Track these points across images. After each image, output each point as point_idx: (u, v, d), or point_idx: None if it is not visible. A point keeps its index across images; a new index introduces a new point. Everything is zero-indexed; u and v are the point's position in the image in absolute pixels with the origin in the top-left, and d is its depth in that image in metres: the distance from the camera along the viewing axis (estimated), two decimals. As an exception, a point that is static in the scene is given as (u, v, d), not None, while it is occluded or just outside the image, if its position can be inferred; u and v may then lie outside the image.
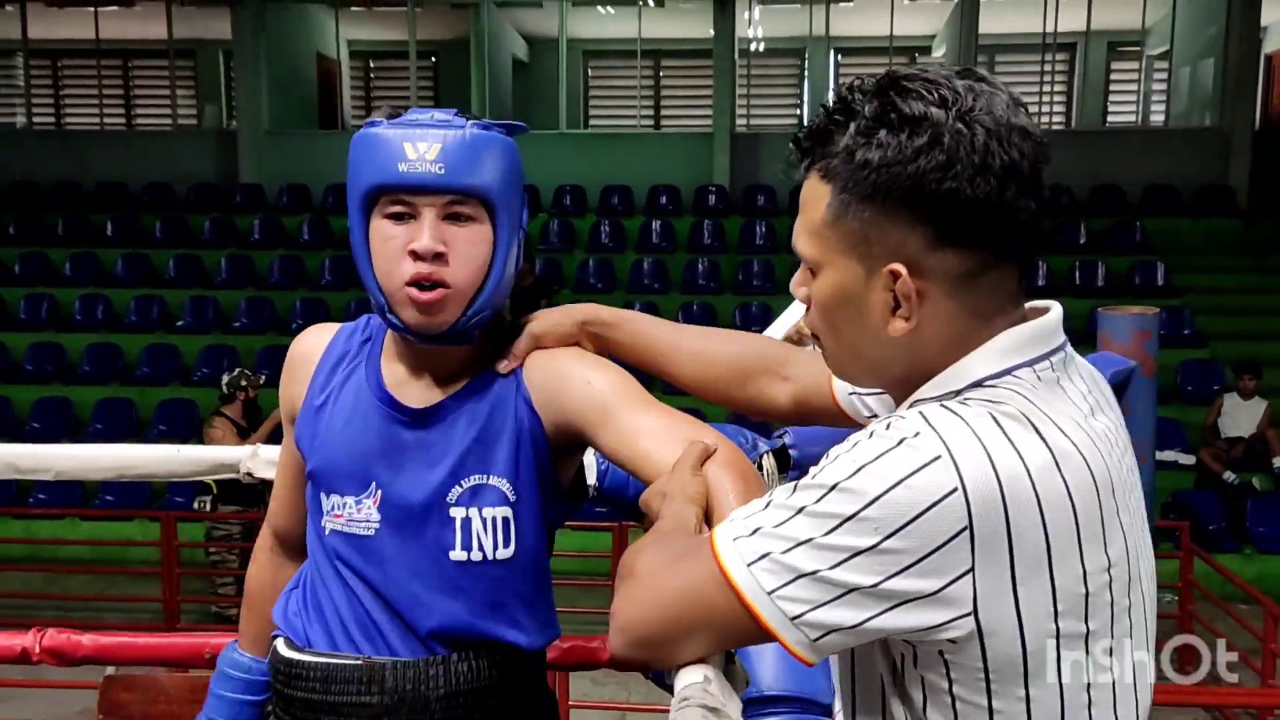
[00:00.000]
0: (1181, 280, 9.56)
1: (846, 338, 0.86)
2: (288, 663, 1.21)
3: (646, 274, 10.08)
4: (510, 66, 13.68)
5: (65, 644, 1.59)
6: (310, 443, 1.22)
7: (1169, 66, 12.29)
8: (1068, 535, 0.75)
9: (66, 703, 4.84)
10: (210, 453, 1.57)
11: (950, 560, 0.73)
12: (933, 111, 0.78)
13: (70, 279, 10.19)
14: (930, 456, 0.74)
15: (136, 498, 7.65)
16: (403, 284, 1.11)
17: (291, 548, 1.34)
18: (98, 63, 12.98)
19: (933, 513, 0.73)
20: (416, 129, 1.11)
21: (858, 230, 0.81)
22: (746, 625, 0.78)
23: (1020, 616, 0.75)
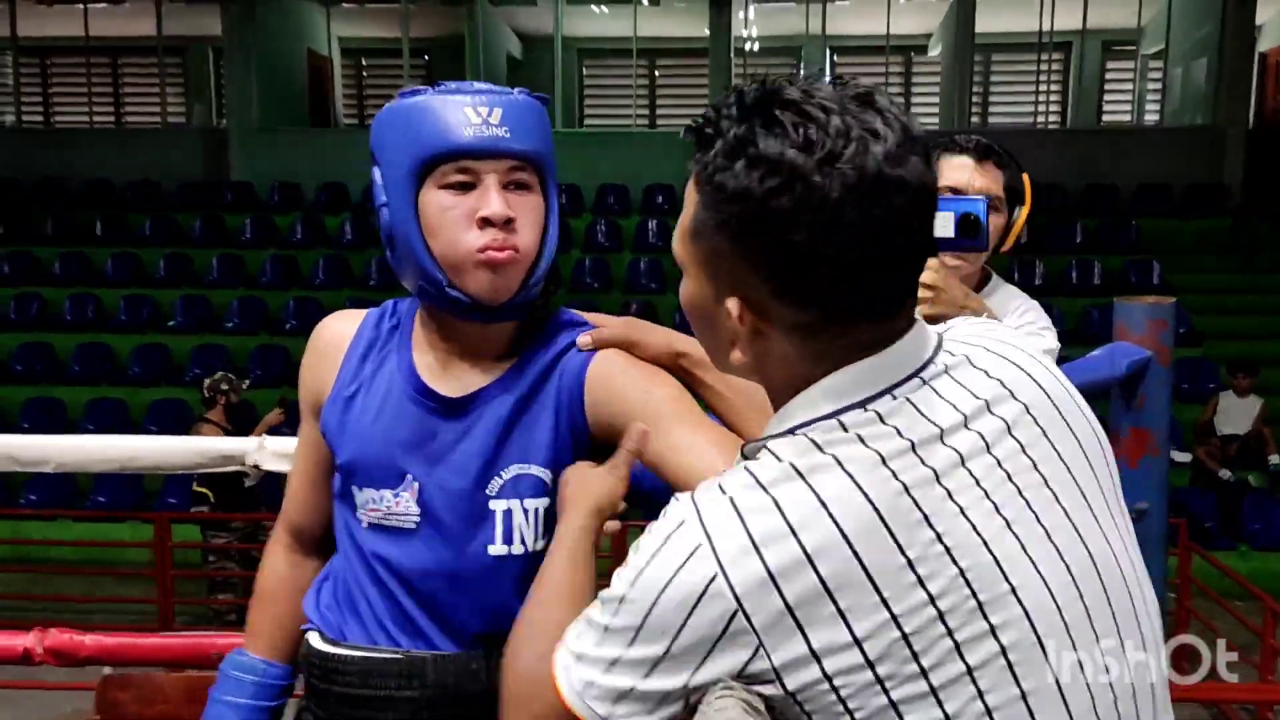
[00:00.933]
0: (1176, 279, 9.57)
1: (702, 338, 0.84)
2: (323, 656, 1.16)
3: (643, 273, 10.06)
4: (505, 64, 13.64)
5: (68, 644, 1.55)
6: (340, 434, 1.17)
7: (1163, 66, 12.33)
8: (859, 588, 0.70)
9: (58, 704, 4.79)
10: (216, 444, 1.53)
11: (736, 643, 0.72)
12: (789, 154, 0.71)
13: (59, 278, 10.11)
14: (691, 548, 0.73)
15: (129, 499, 7.58)
16: (473, 252, 1.06)
17: (309, 544, 1.29)
18: (87, 60, 12.90)
19: (701, 605, 0.72)
20: (473, 94, 1.07)
21: (709, 252, 0.77)
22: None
23: (829, 677, 0.71)
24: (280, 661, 1.26)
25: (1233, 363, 7.72)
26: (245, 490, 5.63)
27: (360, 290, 9.88)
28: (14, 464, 1.54)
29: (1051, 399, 0.81)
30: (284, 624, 1.26)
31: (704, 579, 0.72)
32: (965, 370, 0.79)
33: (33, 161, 11.50)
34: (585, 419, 1.13)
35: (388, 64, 13.82)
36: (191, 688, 3.02)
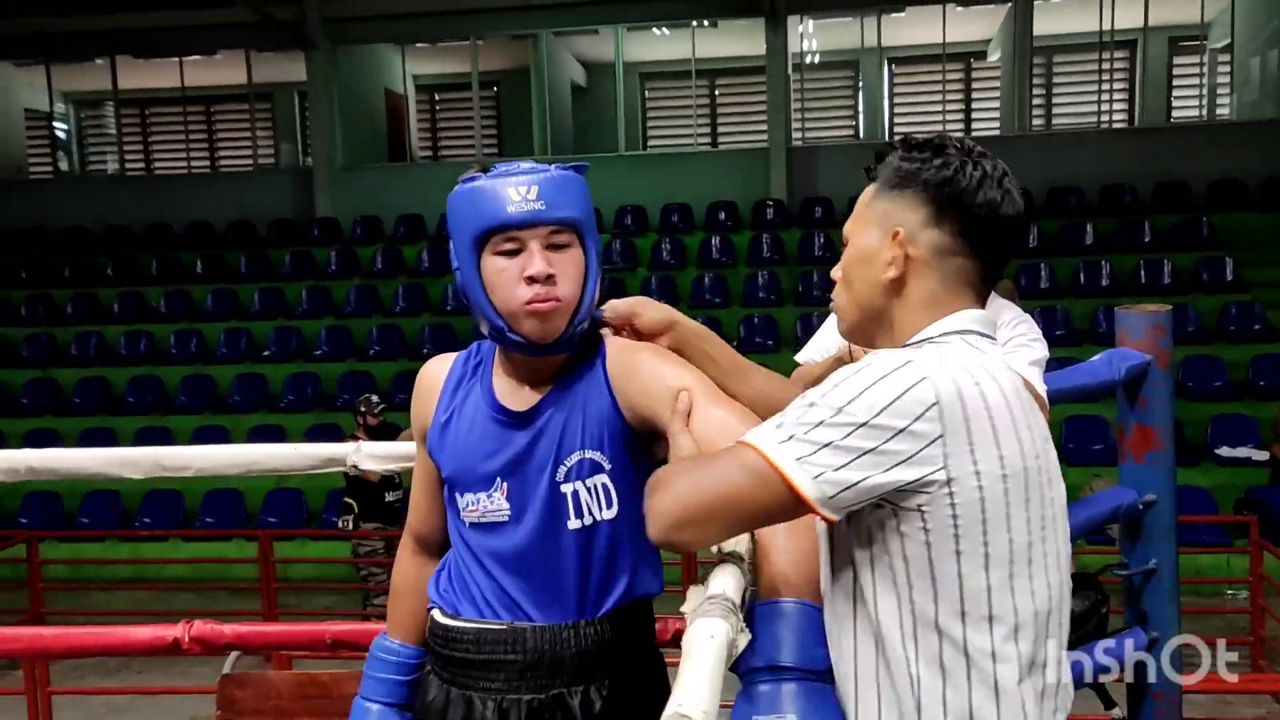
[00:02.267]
0: (1251, 275, 9.41)
1: (857, 289, 1.19)
2: (444, 628, 1.43)
3: (708, 289, 10.28)
4: (569, 92, 14.02)
5: (210, 633, 1.83)
6: (442, 453, 1.44)
7: (1232, 59, 12.10)
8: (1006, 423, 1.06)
9: (177, 710, 5.21)
10: (322, 449, 1.83)
11: (925, 428, 1.03)
12: (949, 149, 1.17)
13: (164, 315, 10.80)
14: (905, 361, 1.06)
15: (234, 519, 8.09)
16: (522, 304, 1.33)
17: (430, 547, 1.56)
18: (184, 110, 13.68)
19: (910, 393, 1.03)
20: (512, 177, 1.34)
21: (881, 208, 1.18)
22: (778, 492, 1.04)
23: (979, 476, 1.04)
24: (415, 644, 1.54)
25: (1309, 357, 7.61)
26: (387, 504, 6.29)
27: (438, 315, 10.32)
28: (160, 470, 1.86)
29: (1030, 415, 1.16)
30: (415, 614, 1.53)
31: (916, 378, 1.03)
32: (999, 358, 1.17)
33: (137, 208, 12.27)
34: (615, 403, 1.38)
35: (458, 98, 14.33)
36: (300, 684, 3.35)
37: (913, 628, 1.07)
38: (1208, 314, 8.95)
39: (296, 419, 9.12)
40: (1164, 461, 2.24)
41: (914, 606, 1.07)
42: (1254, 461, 7.54)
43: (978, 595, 1.06)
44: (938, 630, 1.07)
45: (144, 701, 5.36)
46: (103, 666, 5.77)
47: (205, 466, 1.88)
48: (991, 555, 1.06)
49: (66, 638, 1.97)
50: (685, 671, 0.94)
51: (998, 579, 1.06)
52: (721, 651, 0.99)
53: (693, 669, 0.94)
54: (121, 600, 7.34)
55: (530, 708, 1.38)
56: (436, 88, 14.97)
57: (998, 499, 1.05)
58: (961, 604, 1.06)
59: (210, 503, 8.22)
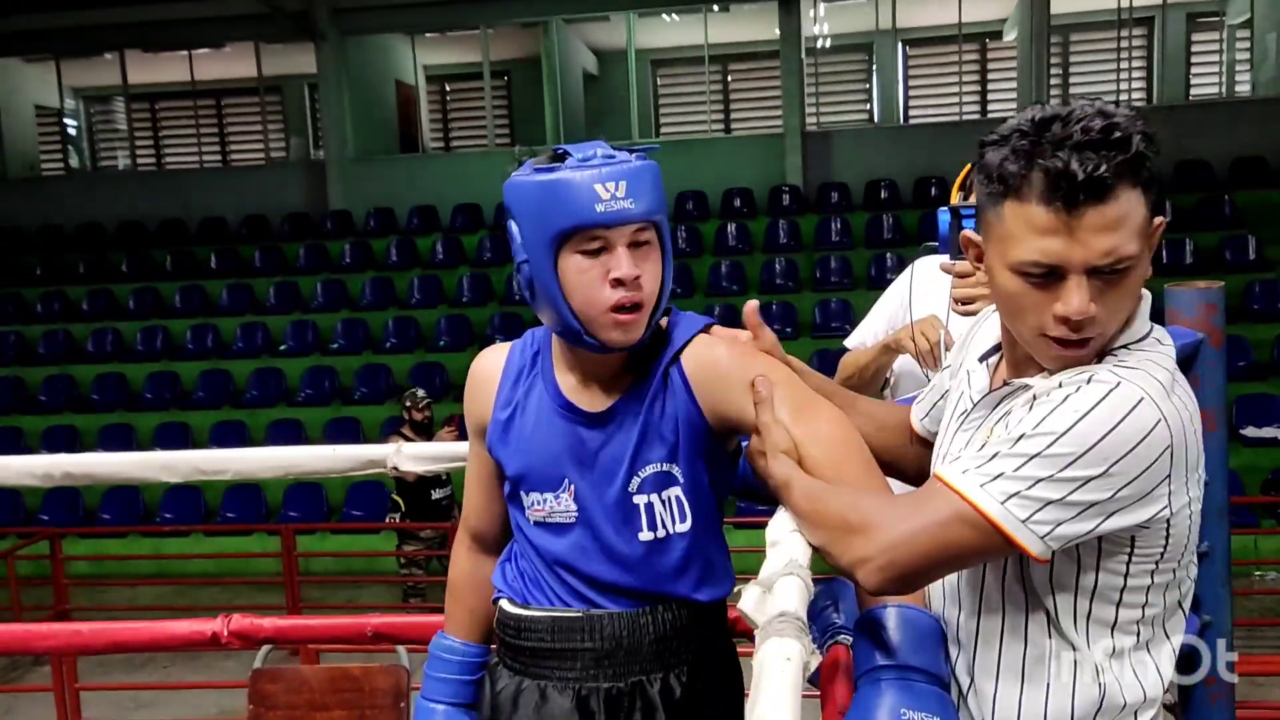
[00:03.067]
0: (1274, 253, 9.30)
1: (1125, 306, 1.07)
2: (516, 618, 1.38)
3: (724, 276, 10.22)
4: (581, 80, 13.95)
5: (249, 627, 1.81)
6: (505, 450, 1.38)
7: (1251, 35, 11.94)
8: (1196, 444, 1.04)
9: (203, 705, 5.22)
10: (361, 451, 1.79)
11: (1158, 471, 1.00)
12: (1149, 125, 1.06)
13: (180, 311, 10.80)
14: (1137, 398, 1.00)
15: (255, 513, 8.09)
16: (606, 309, 1.25)
17: (487, 544, 1.51)
18: (194, 103, 13.68)
19: (1149, 440, 0.99)
20: (599, 169, 1.24)
21: (1140, 210, 1.04)
22: (1000, 549, 1.02)
23: (1190, 504, 1.04)
24: (475, 642, 1.50)
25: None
26: (433, 502, 6.30)
27: (454, 307, 10.30)
28: (199, 474, 1.83)
29: None
30: (474, 611, 1.49)
31: (1150, 422, 0.99)
32: None
33: (149, 203, 12.28)
34: (699, 408, 1.31)
35: (470, 88, 14.28)
36: (332, 678, 3.34)
37: (1086, 626, 1.08)
38: (1231, 293, 8.63)
39: (314, 413, 9.13)
40: (1217, 442, 2.17)
41: (1091, 611, 1.08)
42: (1278, 441, 7.46)
43: (1155, 609, 1.09)
44: (1112, 631, 1.09)
45: (171, 696, 5.38)
46: (129, 662, 5.78)
47: (244, 470, 1.85)
48: (1180, 579, 1.09)
49: (104, 634, 1.95)
50: (763, 695, 0.90)
51: (1175, 599, 1.10)
52: (799, 675, 0.95)
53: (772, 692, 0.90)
54: (145, 596, 7.37)
55: (610, 695, 1.34)
56: (447, 78, 14.92)
57: (1196, 523, 1.07)
58: (1143, 611, 1.09)
59: (231, 498, 8.23)
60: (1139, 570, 1.06)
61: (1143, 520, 1.01)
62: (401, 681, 3.14)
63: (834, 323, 9.16)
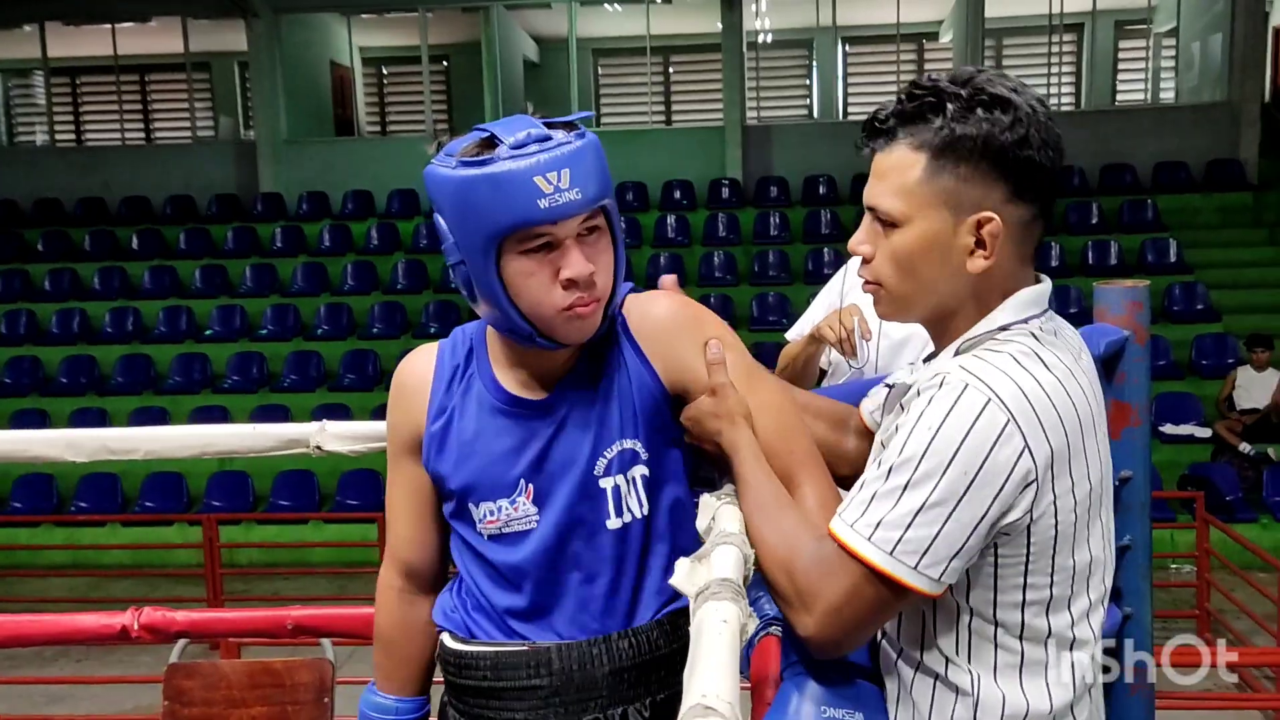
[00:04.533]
0: (1194, 256, 9.61)
1: (924, 277, 1.05)
2: (456, 654, 1.25)
3: (663, 268, 10.20)
4: (521, 67, 13.82)
5: (161, 621, 1.73)
6: (446, 463, 1.23)
7: (1176, 43, 12.31)
8: (1077, 440, 0.99)
9: (119, 700, 5.05)
10: (282, 430, 1.70)
11: (1019, 476, 0.97)
12: (1014, 96, 1.01)
13: (99, 293, 10.44)
14: (983, 403, 0.96)
15: (175, 503, 7.86)
16: (558, 311, 1.13)
17: (423, 582, 1.33)
18: (117, 79, 13.21)
19: (1000, 450, 0.95)
20: (539, 157, 1.09)
21: (951, 189, 1.02)
22: (907, 596, 1.00)
23: (1057, 509, 1.00)
24: (412, 695, 1.34)
25: (1250, 337, 7.78)
26: None
27: (389, 294, 10.12)
28: (108, 452, 1.73)
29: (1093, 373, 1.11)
30: (411, 661, 1.33)
31: (999, 428, 0.95)
32: (1061, 324, 1.10)
33: (68, 180, 11.84)
34: (655, 373, 1.21)
35: (407, 71, 14.05)
36: (252, 673, 3.24)
37: (967, 629, 1.04)
38: (1153, 294, 9.06)
39: (241, 400, 8.89)
40: (1140, 438, 2.22)
41: (973, 610, 1.04)
42: (1196, 439, 7.72)
43: (1036, 623, 1.04)
44: (994, 637, 1.04)
45: (84, 691, 5.20)
46: (39, 656, 5.57)
47: (156, 449, 1.76)
48: (1056, 582, 1.03)
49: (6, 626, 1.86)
50: (700, 660, 0.87)
51: (1059, 595, 1.04)
52: (735, 638, 0.93)
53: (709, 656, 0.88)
54: (57, 588, 7.12)
55: None
56: (384, 60, 14.66)
57: (1067, 524, 1.02)
58: (1023, 615, 1.04)
59: (151, 486, 7.97)
60: (1008, 581, 1.02)
61: (1009, 523, 0.99)
62: (326, 676, 3.05)
63: (771, 316, 9.22)
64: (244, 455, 1.73)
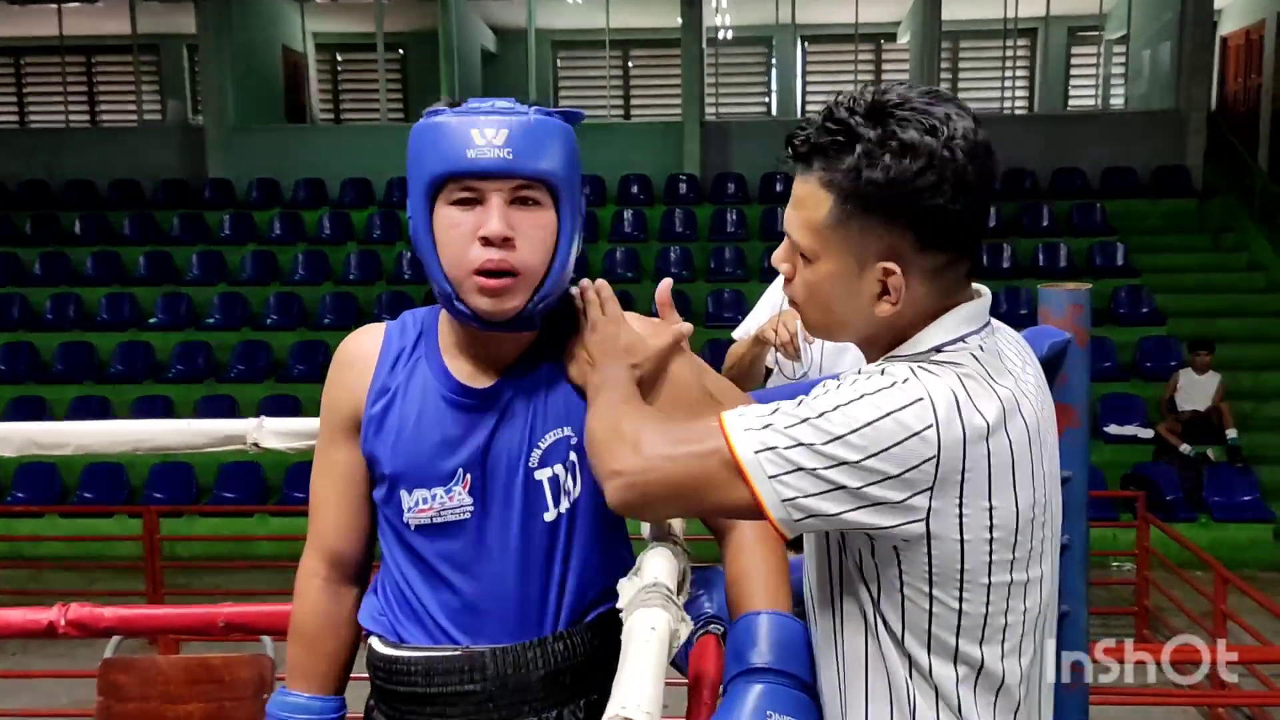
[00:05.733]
0: (1140, 260, 9.80)
1: (836, 312, 1.04)
2: (387, 659, 1.21)
3: (620, 263, 10.19)
4: (479, 58, 13.70)
5: (88, 616, 1.67)
6: (383, 445, 1.21)
7: (1127, 50, 12.54)
8: (1006, 475, 0.96)
9: (56, 694, 4.92)
10: (219, 425, 1.66)
11: (916, 479, 0.93)
12: (926, 140, 0.94)
13: (40, 278, 10.17)
14: (915, 398, 0.94)
15: (116, 495, 7.69)
16: (471, 271, 1.12)
17: (348, 572, 1.29)
18: (62, 60, 12.88)
19: (910, 442, 0.92)
20: (481, 115, 1.12)
21: (856, 234, 0.98)
22: (742, 500, 0.96)
23: (962, 530, 0.95)
24: (332, 694, 1.28)
25: (1193, 341, 7.95)
26: None
27: (340, 284, 9.99)
28: (35, 447, 1.67)
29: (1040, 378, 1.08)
30: (333, 658, 1.28)
31: (922, 424, 0.92)
32: (1005, 332, 1.07)
33: (10, 162, 11.50)
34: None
35: (362, 59, 13.86)
36: (189, 668, 3.17)
37: (893, 645, 1.01)
38: (1100, 297, 9.28)
39: (186, 390, 8.72)
40: (1080, 438, 2.25)
41: (888, 627, 1.01)
42: (1139, 439, 7.88)
43: (947, 636, 1.00)
44: (907, 654, 1.00)
45: (21, 685, 5.07)
46: (-27, 650, 5.42)
47: (86, 444, 1.70)
48: (966, 611, 0.98)
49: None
50: (625, 668, 0.87)
51: (969, 625, 0.99)
52: (663, 644, 0.92)
53: (633, 665, 0.87)
54: (-8, 580, 6.93)
55: None
56: (339, 47, 14.45)
57: (977, 553, 0.96)
58: (929, 637, 0.99)
59: (90, 477, 7.79)
60: (913, 597, 0.98)
61: (889, 525, 0.94)
62: (266, 671, 3.00)
63: (727, 313, 9.24)
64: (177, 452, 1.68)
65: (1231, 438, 7.51)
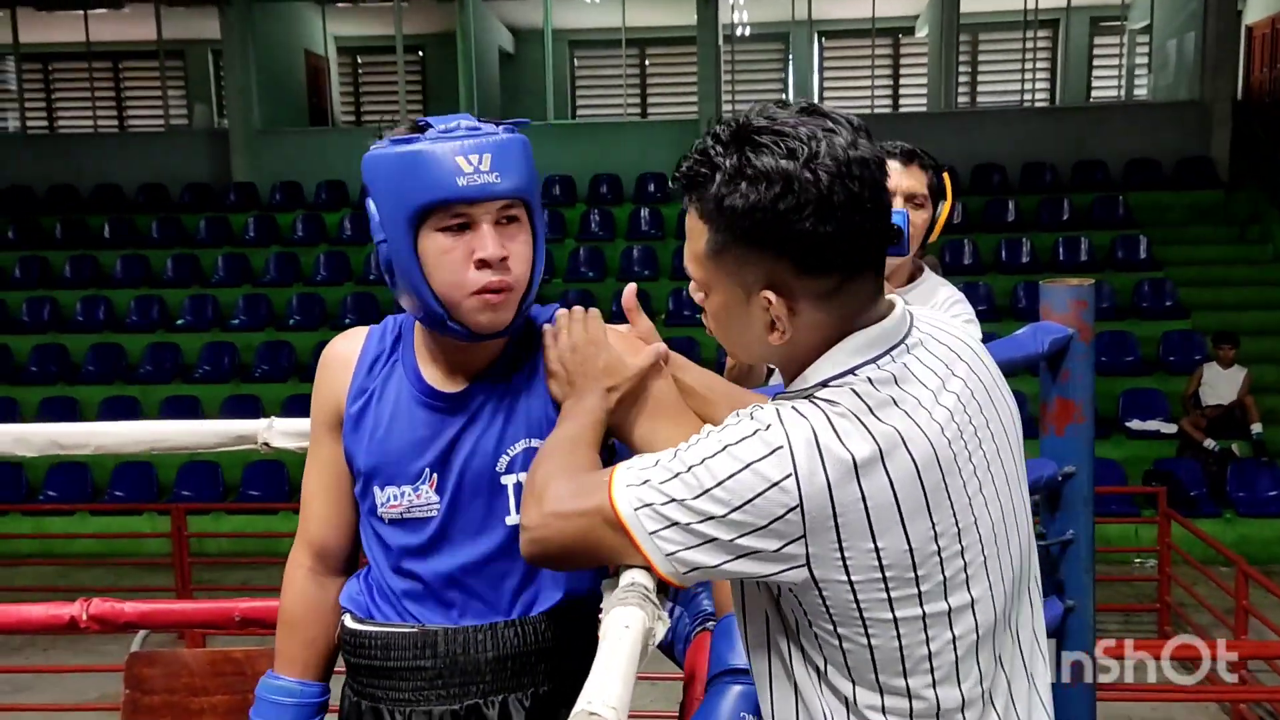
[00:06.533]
0: (1164, 253, 9.70)
1: (738, 340, 1.03)
2: (353, 634, 1.29)
3: (636, 261, 10.22)
4: (497, 59, 13.76)
5: (109, 611, 1.73)
6: (358, 442, 1.27)
7: (1150, 41, 12.41)
8: (889, 514, 0.91)
9: (84, 689, 5.02)
10: (231, 425, 1.71)
11: (784, 529, 0.91)
12: (782, 164, 0.91)
13: (70, 281, 10.34)
14: (774, 447, 0.91)
15: (145, 493, 7.81)
16: (470, 293, 1.17)
17: (332, 563, 1.35)
18: (89, 65, 13.07)
19: (770, 494, 0.91)
20: (460, 139, 1.15)
21: (733, 264, 0.96)
22: (633, 555, 0.97)
23: (848, 573, 0.92)
24: (315, 680, 1.35)
25: (1217, 334, 7.85)
26: None
27: (361, 285, 10.08)
28: (57, 448, 1.73)
29: (987, 380, 1.03)
30: (317, 645, 1.34)
31: (780, 474, 0.90)
32: (931, 345, 1.00)
33: (39, 167, 11.69)
34: None
35: (382, 61, 13.95)
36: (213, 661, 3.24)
37: (817, 678, 1.00)
38: (1122, 291, 9.22)
39: (212, 390, 8.85)
40: (1084, 434, 2.26)
41: (810, 661, 1.00)
42: (1162, 434, 7.81)
43: (865, 671, 0.97)
44: (831, 686, 0.99)
45: (50, 680, 5.17)
46: (5, 645, 5.54)
47: (106, 444, 1.75)
48: (877, 646, 0.95)
49: (-44, 615, 1.85)
50: (597, 665, 0.90)
51: (884, 660, 0.96)
52: (637, 642, 0.95)
53: (605, 662, 0.90)
54: (25, 576, 7.06)
55: (443, 719, 1.25)
56: (359, 50, 14.56)
57: (871, 592, 0.93)
58: (848, 670, 0.97)
59: (120, 476, 7.93)
60: (823, 636, 0.96)
61: (771, 574, 0.93)
62: (285, 665, 3.07)
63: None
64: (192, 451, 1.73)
65: (1256, 432, 7.42)
